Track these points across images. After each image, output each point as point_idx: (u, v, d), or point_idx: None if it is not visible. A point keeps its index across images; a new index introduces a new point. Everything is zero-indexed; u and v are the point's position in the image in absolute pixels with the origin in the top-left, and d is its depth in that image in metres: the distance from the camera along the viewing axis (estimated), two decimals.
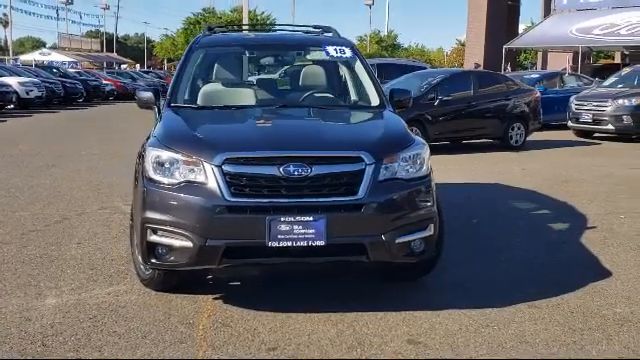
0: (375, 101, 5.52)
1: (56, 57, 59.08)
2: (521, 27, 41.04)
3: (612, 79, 18.22)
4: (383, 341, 4.03)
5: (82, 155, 12.63)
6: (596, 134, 17.26)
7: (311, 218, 4.09)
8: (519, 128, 14.64)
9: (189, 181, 4.21)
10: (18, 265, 5.47)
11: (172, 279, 4.75)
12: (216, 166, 4.14)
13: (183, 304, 4.61)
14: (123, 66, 66.83)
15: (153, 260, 4.31)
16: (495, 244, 6.33)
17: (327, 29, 6.58)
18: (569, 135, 17.53)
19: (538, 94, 15.40)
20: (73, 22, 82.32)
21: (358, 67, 5.89)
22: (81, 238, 6.37)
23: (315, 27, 6.71)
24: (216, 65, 5.93)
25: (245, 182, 4.14)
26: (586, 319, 4.42)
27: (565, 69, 25.19)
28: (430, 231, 4.44)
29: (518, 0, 37.73)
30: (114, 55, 80.00)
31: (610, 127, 16.38)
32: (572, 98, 17.26)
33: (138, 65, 76.18)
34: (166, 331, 4.15)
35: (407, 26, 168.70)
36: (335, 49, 5.88)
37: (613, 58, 38.51)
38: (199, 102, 5.38)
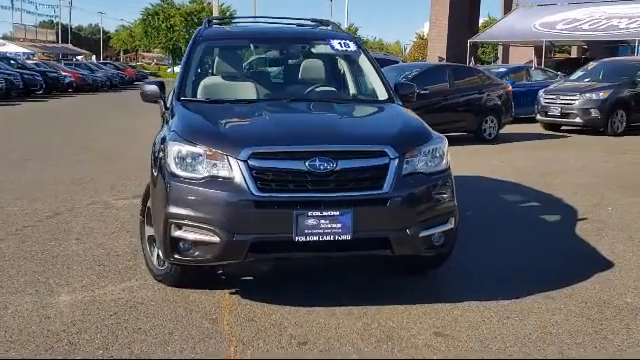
0: (383, 95, 5.55)
1: (11, 48, 57.63)
2: (480, 22, 41.59)
3: (579, 73, 18.58)
4: (411, 334, 4.07)
5: (57, 149, 12.40)
6: (563, 127, 17.60)
7: (337, 212, 4.10)
8: (492, 121, 14.85)
9: (214, 176, 4.17)
10: (21, 262, 5.36)
11: (189, 275, 4.70)
12: (242, 161, 4.11)
13: (201, 300, 4.57)
14: (79, 57, 65.58)
15: (176, 255, 4.27)
16: (495, 236, 6.43)
17: (326, 22, 6.57)
18: (537, 128, 17.84)
19: (510, 87, 15.63)
20: (28, 12, 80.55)
21: (363, 60, 5.91)
22: (78, 234, 6.26)
23: (313, 20, 6.70)
24: (221, 58, 5.88)
25: (271, 177, 4.12)
26: (601, 309, 4.52)
27: (531, 62, 25.62)
28: (451, 224, 4.48)
29: None
30: (69, 46, 78.49)
31: (578, 120, 16.72)
32: (541, 92, 17.55)
33: (94, 56, 74.89)
34: (191, 327, 4.12)
35: (366, 20, 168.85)
36: (339, 43, 5.88)
37: (569, 53, 39.32)
38: (208, 96, 5.32)
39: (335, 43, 5.87)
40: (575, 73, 18.79)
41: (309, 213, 4.07)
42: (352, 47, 5.90)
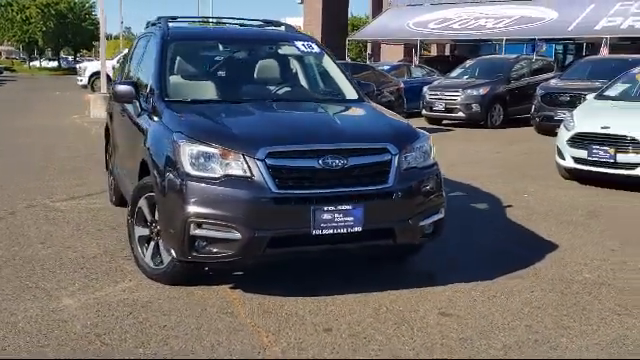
0: (353, 94, 5.86)
1: None
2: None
3: (458, 70, 19.74)
4: (419, 315, 4.43)
5: None
6: (445, 121, 18.65)
7: (350, 206, 4.38)
8: None
9: (231, 175, 4.32)
10: None
11: (190, 273, 4.80)
12: (259, 160, 4.29)
13: (207, 296, 4.69)
14: None
15: (194, 253, 4.37)
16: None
17: (277, 24, 6.79)
18: (422, 122, 18.76)
19: (401, 84, 16.41)
20: None
21: (327, 61, 6.19)
22: (38, 238, 6.12)
23: (264, 21, 6.89)
24: (193, 59, 5.95)
25: (287, 174, 4.33)
26: (568, 285, 5.09)
27: (408, 60, 26.83)
28: (442, 214, 4.89)
29: None
30: None
31: (461, 115, 17.80)
32: (425, 88, 18.50)
33: None
34: (214, 321, 4.25)
35: (232, 12, 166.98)
36: (303, 44, 6.12)
37: (429, 51, 41.31)
38: (191, 96, 5.40)
39: (299, 44, 6.11)
40: (454, 70, 19.93)
41: (325, 208, 4.33)
42: (315, 48, 6.16)
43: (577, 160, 9.24)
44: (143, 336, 4.02)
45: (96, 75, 29.84)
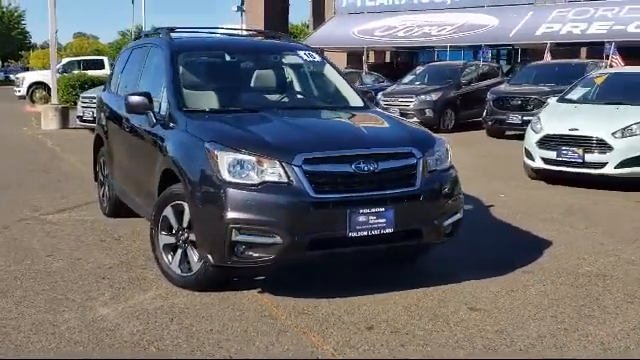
0: (358, 101, 6.06)
1: None
2: None
3: (409, 77, 20.22)
4: (450, 311, 4.65)
5: None
6: None
7: (383, 209, 4.58)
8: None
9: (269, 181, 4.45)
10: (18, 282, 5.20)
11: (218, 279, 4.89)
12: (297, 166, 4.44)
13: (239, 301, 4.79)
14: None
15: (234, 258, 4.48)
16: None
17: (270, 35, 6.94)
18: None
19: (371, 92, 16.70)
20: None
21: (329, 69, 6.38)
22: (45, 251, 6.08)
23: (259, 32, 7.03)
24: (203, 69, 6.04)
25: (323, 180, 4.50)
26: (575, 278, 5.41)
27: (355, 67, 27.15)
28: (461, 214, 5.13)
29: (288, 2, 39.66)
30: None
31: (415, 120, 18.09)
32: (380, 94, 18.86)
33: None
34: (257, 324, 4.37)
35: (166, 21, 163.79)
36: (305, 53, 6.30)
37: (368, 57, 41.94)
38: (206, 106, 5.49)
39: (302, 54, 6.28)
40: (406, 77, 20.39)
41: (360, 210, 4.51)
42: (317, 58, 6.35)
43: (546, 161, 9.68)
44: (195, 341, 4.11)
45: (35, 85, 29.25)
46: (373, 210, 4.55)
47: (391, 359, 3.92)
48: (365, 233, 4.55)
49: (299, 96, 6.04)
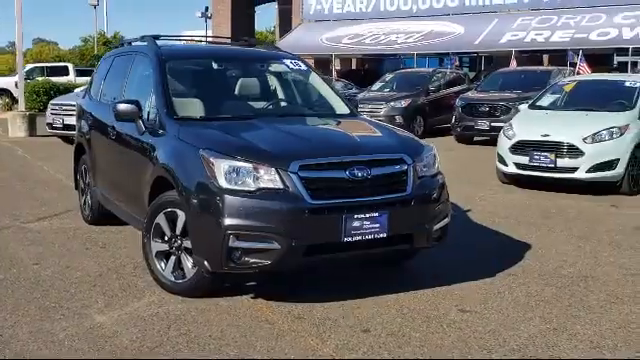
0: (344, 109, 6.17)
1: None
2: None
3: (379, 84, 20.43)
4: (442, 313, 4.76)
5: None
6: None
7: (377, 214, 4.68)
8: None
9: (265, 188, 4.52)
10: (6, 290, 5.17)
11: (212, 285, 4.93)
12: (293, 173, 4.52)
13: (232, 306, 4.83)
14: None
15: (231, 264, 4.54)
16: None
17: (254, 42, 7.01)
18: None
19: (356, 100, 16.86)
20: None
21: (314, 78, 6.48)
22: (31, 259, 6.05)
23: (244, 40, 7.10)
24: (190, 77, 6.07)
25: (319, 186, 4.59)
26: (559, 279, 5.57)
27: (324, 74, 27.30)
28: (449, 218, 5.26)
29: (254, 9, 39.81)
30: None
31: None
32: None
33: None
34: (255, 329, 4.42)
35: (129, 27, 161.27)
36: (291, 62, 6.39)
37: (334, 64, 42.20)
38: (196, 114, 5.54)
39: (288, 62, 6.37)
40: (376, 84, 20.61)
41: (355, 216, 4.61)
42: (303, 66, 6.44)
43: (519, 166, 9.91)
44: (196, 346, 4.16)
45: None
46: (367, 215, 4.64)
47: (391, 359, 4.02)
48: (360, 238, 4.65)
49: (287, 104, 6.13)
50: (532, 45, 24.06)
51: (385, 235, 4.73)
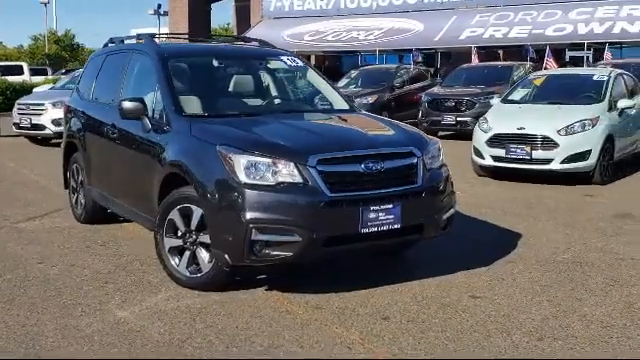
0: (344, 105, 6.30)
1: None
2: None
3: (344, 80, 20.59)
4: (455, 300, 4.94)
5: None
6: None
7: (391, 205, 4.84)
8: None
9: (284, 182, 4.63)
10: (19, 289, 5.17)
11: (227, 279, 5.02)
12: (311, 167, 4.64)
13: (251, 298, 4.93)
14: None
15: (253, 257, 4.63)
16: None
17: (248, 39, 7.10)
18: None
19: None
20: None
21: (312, 74, 6.60)
22: (34, 259, 6.03)
23: (237, 38, 7.17)
24: (192, 75, 6.12)
25: (336, 179, 4.72)
26: (556, 265, 5.81)
27: None
28: (455, 209, 5.45)
29: (210, 6, 39.64)
30: None
31: None
32: None
33: None
34: (279, 320, 4.53)
35: (81, 25, 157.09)
36: (288, 59, 6.49)
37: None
38: (203, 111, 5.61)
39: (285, 59, 6.47)
40: (341, 80, 20.76)
41: (371, 208, 4.75)
42: (300, 63, 6.55)
43: (496, 158, 10.20)
44: (226, 337, 4.24)
45: None
46: (382, 207, 4.79)
47: (392, 359, 4.15)
48: (375, 229, 4.80)
49: (290, 100, 6.25)
50: (491, 41, 24.56)
51: (399, 226, 4.89)
